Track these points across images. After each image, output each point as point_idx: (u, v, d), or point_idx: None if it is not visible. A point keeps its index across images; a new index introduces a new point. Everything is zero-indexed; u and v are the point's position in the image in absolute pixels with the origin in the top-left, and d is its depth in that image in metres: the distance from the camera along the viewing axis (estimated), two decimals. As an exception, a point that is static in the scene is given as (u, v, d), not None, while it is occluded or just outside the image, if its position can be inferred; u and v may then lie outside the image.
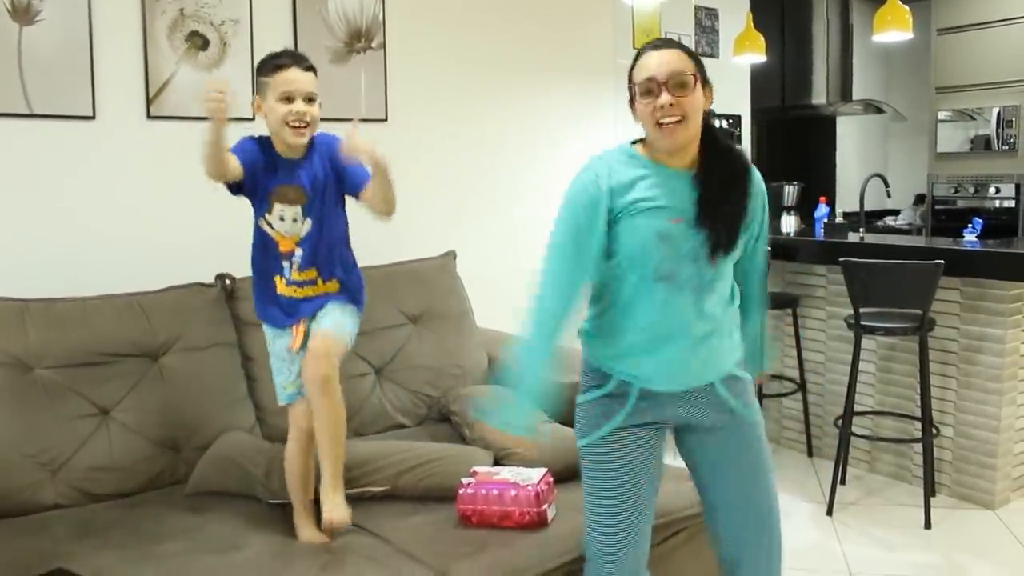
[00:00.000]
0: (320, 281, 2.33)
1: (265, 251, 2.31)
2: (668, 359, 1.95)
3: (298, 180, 2.27)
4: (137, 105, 2.93)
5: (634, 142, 2.00)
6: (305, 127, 2.22)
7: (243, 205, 3.20)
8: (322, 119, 2.30)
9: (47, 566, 2.00)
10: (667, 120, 1.85)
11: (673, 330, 1.93)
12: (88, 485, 2.44)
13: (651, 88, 1.86)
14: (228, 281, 2.88)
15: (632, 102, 1.94)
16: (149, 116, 2.95)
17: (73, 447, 2.44)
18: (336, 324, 2.29)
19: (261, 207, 2.29)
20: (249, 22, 3.13)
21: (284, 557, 2.12)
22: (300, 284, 2.31)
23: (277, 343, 2.34)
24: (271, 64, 2.23)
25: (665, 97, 1.84)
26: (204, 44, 3.04)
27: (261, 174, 2.25)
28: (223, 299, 2.83)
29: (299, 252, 2.29)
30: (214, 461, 2.50)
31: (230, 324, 2.81)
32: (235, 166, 2.17)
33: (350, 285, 2.39)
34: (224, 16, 3.07)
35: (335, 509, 2.20)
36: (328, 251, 2.33)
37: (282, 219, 2.28)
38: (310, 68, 2.26)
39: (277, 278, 2.31)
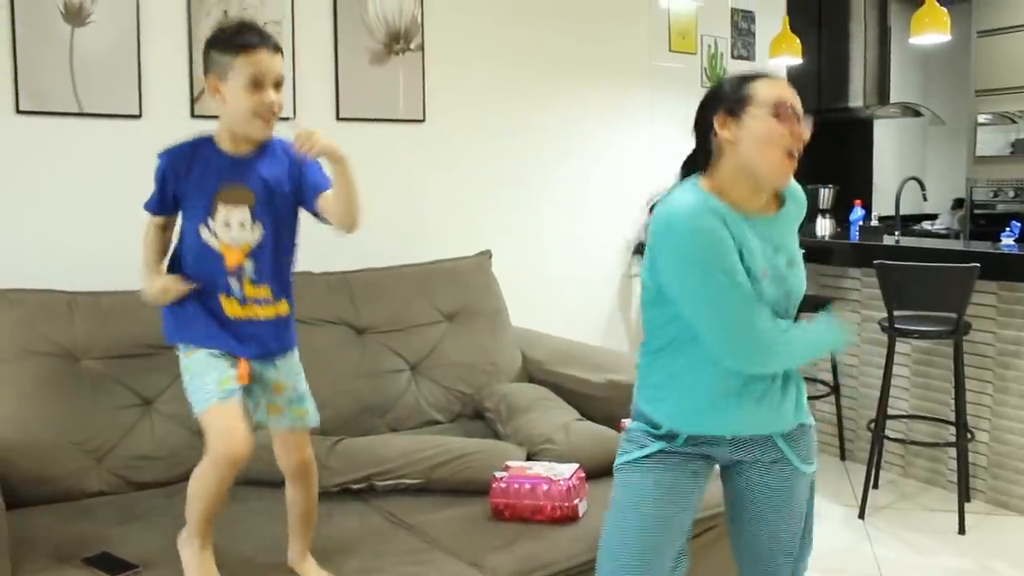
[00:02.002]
0: (273, 299, 2.02)
1: (204, 266, 1.97)
2: (733, 414, 1.84)
3: (245, 178, 1.98)
4: (182, 105, 3.00)
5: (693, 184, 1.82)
6: (273, 118, 1.95)
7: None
8: (363, 119, 2.20)
9: (93, 550, 2.07)
10: (795, 152, 1.75)
11: (744, 385, 1.82)
12: (131, 473, 2.51)
13: (785, 113, 1.74)
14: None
15: (733, 114, 1.77)
16: (193, 115, 3.02)
17: (117, 436, 2.51)
18: (313, 411, 2.12)
19: (201, 212, 1.96)
20: (291, 23, 3.20)
21: (321, 546, 2.16)
22: (257, 302, 1.99)
23: (215, 357, 1.97)
24: (235, 42, 1.91)
25: (801, 131, 1.75)
26: (247, 45, 3.10)
27: (199, 176, 1.97)
28: (263, 294, 2.89)
29: (249, 264, 1.97)
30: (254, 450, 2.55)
31: (269, 319, 2.87)
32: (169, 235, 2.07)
33: (293, 313, 2.09)
34: (267, 17, 3.14)
35: (320, 571, 2.06)
36: (279, 265, 2.03)
37: (227, 225, 1.96)
38: (279, 48, 1.96)
39: (223, 298, 1.97)
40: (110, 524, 2.25)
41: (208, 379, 1.92)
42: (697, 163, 1.85)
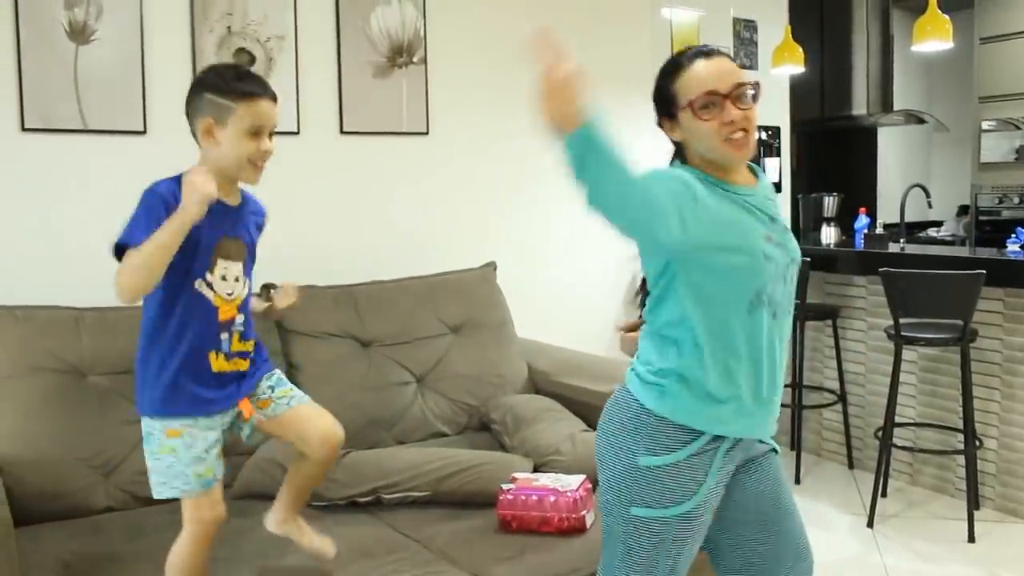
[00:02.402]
0: (252, 355, 2.06)
1: (199, 322, 1.92)
2: (763, 401, 1.74)
3: (240, 232, 2.01)
4: (186, 120, 3.01)
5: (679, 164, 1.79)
6: (263, 166, 1.98)
7: (287, 216, 3.28)
8: (367, 133, 2.22)
9: (102, 567, 2.08)
10: (737, 136, 1.68)
11: (769, 365, 1.73)
12: (138, 488, 2.49)
13: (709, 105, 1.67)
14: (273, 291, 2.94)
15: (671, 117, 1.74)
16: (198, 131, 3.03)
17: (124, 451, 2.51)
18: (296, 389, 2.17)
19: (200, 266, 1.92)
20: (294, 39, 3.21)
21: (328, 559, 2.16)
22: (241, 355, 2.01)
23: (197, 436, 1.93)
24: (238, 88, 1.91)
25: (736, 112, 1.67)
26: (251, 60, 3.12)
27: (202, 225, 1.85)
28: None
29: (239, 319, 1.99)
30: (259, 465, 2.56)
31: (275, 333, 2.87)
32: None
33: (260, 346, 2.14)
34: (270, 33, 3.15)
35: (323, 539, 2.12)
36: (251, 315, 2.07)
37: (224, 279, 1.95)
38: (275, 98, 1.98)
39: (212, 355, 1.94)
40: (119, 540, 2.25)
41: (189, 472, 1.92)
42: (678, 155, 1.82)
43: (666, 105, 1.75)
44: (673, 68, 1.75)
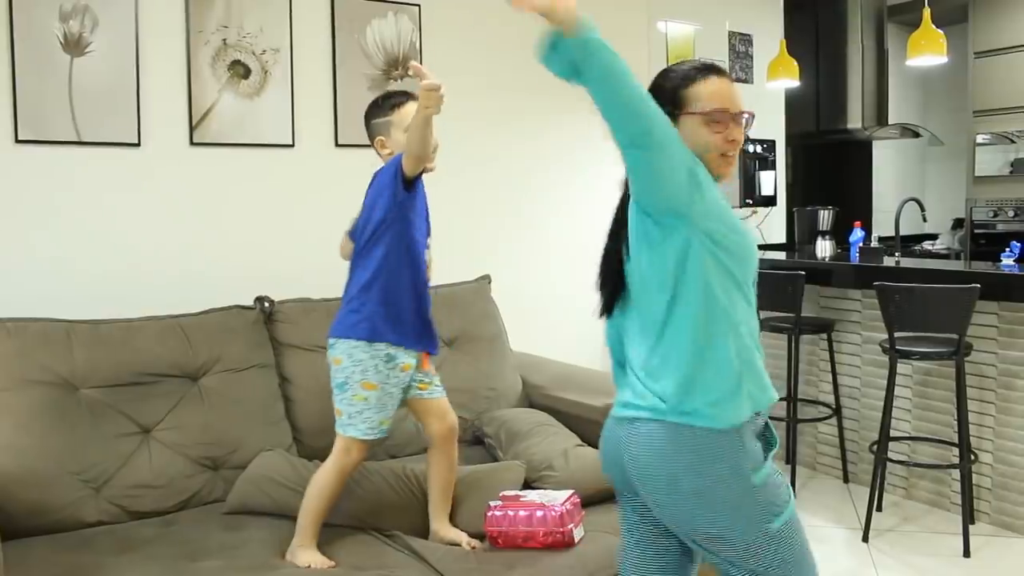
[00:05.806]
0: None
1: (417, 271, 2.35)
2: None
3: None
4: (180, 132, 3.02)
5: None
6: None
7: (283, 229, 3.27)
8: (362, 146, 2.36)
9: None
10: (731, 153, 1.80)
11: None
12: (129, 502, 2.50)
13: (723, 119, 1.78)
14: (267, 304, 2.94)
15: (674, 114, 1.80)
16: (192, 143, 3.03)
17: (115, 465, 2.50)
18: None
19: (424, 225, 2.39)
20: (289, 51, 3.22)
21: (318, 574, 2.15)
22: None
23: (394, 371, 2.32)
24: (390, 102, 2.43)
25: (739, 134, 1.79)
26: (246, 73, 3.12)
27: (419, 193, 2.38)
28: (262, 321, 2.89)
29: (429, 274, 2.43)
30: (252, 480, 2.55)
31: (268, 346, 2.87)
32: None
33: None
34: (265, 46, 3.16)
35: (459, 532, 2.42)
36: None
37: (430, 235, 2.44)
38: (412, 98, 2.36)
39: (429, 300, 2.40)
40: (108, 554, 2.23)
41: (375, 419, 2.29)
42: None
43: (665, 105, 1.77)
44: (691, 75, 1.83)
